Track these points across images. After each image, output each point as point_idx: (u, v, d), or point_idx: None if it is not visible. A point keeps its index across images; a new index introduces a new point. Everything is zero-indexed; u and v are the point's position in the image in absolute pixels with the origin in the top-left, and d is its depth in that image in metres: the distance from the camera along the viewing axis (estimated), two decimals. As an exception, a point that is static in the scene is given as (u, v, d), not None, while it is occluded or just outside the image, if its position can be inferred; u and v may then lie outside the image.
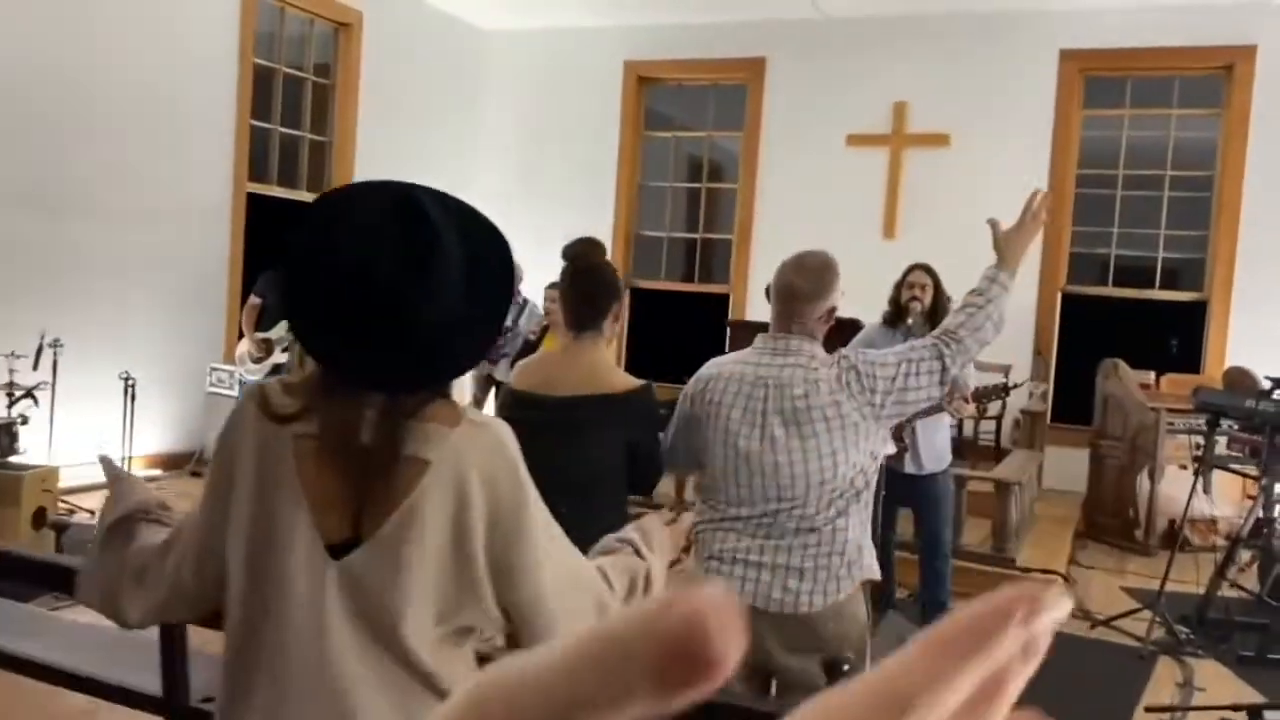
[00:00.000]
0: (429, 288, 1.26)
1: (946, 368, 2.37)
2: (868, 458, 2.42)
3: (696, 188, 10.14)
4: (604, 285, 2.64)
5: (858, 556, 2.43)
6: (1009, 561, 5.81)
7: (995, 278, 2.47)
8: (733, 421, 2.43)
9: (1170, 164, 8.42)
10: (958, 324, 2.44)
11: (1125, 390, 7.58)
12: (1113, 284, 8.77)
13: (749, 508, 2.43)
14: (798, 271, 2.44)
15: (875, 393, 2.35)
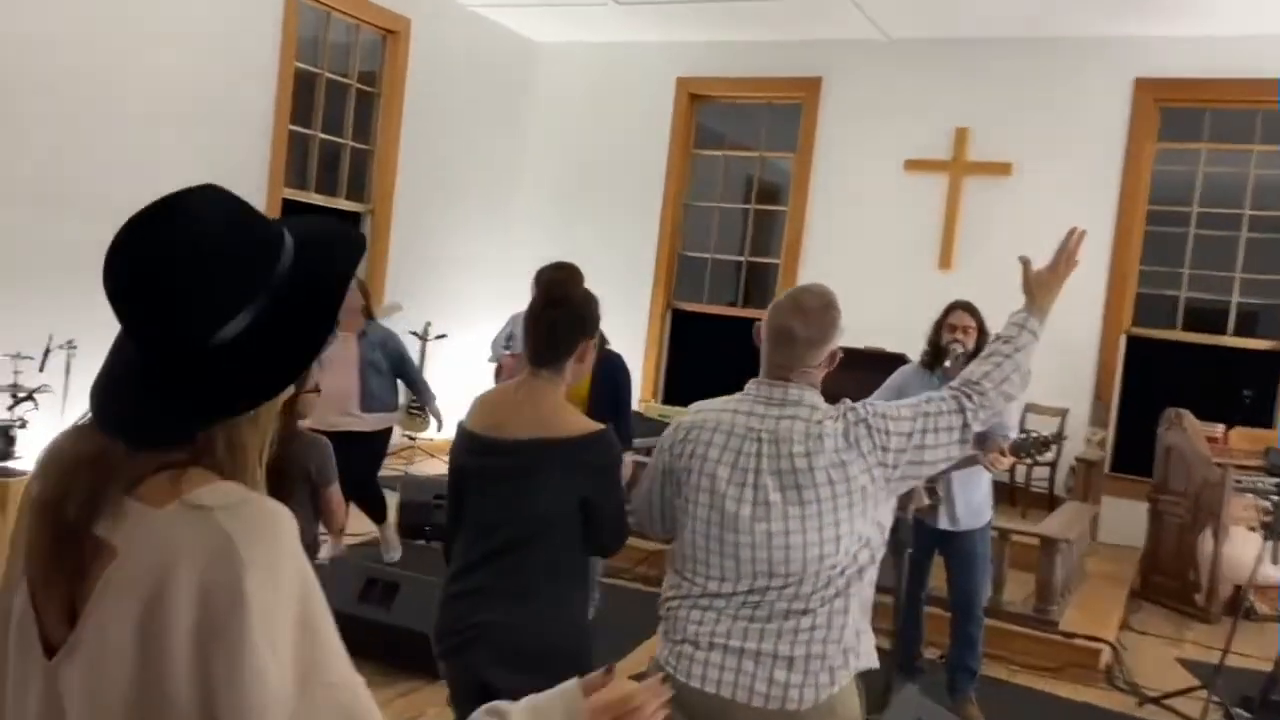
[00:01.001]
0: (151, 302, 0.98)
1: (968, 423, 2.08)
2: (874, 529, 2.09)
3: (745, 209, 9.81)
4: (574, 320, 2.34)
5: (855, 643, 2.09)
6: (1051, 624, 5.37)
7: (1025, 324, 2.20)
8: (719, 480, 2.11)
9: (1249, 203, 7.89)
10: (982, 374, 2.14)
11: (1189, 442, 7.07)
12: (1182, 328, 8.25)
13: (732, 583, 2.09)
14: (796, 314, 2.13)
15: (888, 451, 2.04)
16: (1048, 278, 2.23)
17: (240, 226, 1.03)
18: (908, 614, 4.37)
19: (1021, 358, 2.15)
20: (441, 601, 2.35)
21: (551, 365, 2.33)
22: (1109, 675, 5.18)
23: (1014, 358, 2.14)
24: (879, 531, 2.11)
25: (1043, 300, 2.22)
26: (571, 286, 2.38)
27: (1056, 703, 4.81)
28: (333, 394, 5.57)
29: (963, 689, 4.38)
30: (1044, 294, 2.22)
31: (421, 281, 8.87)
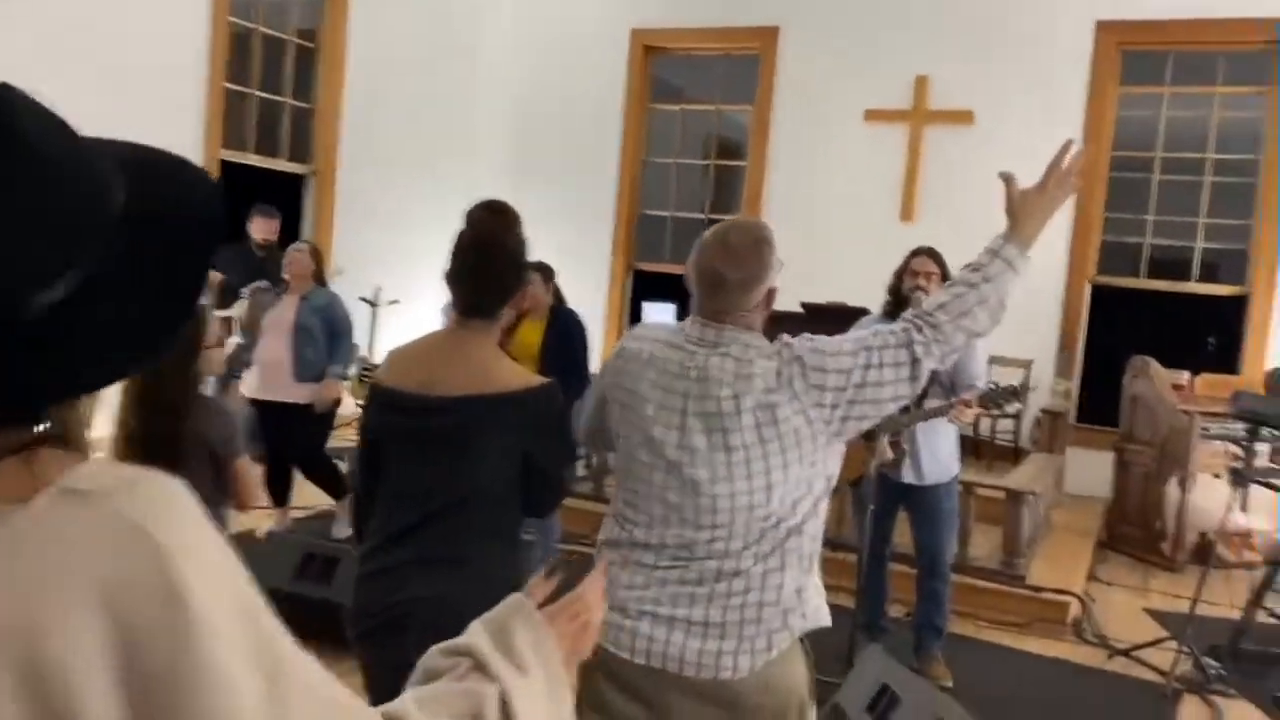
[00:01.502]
0: None
1: (918, 358, 1.83)
2: (816, 475, 1.88)
3: (705, 164, 9.59)
4: (506, 264, 2.13)
5: (796, 603, 1.90)
6: (1018, 579, 5.26)
7: (999, 250, 1.90)
8: (648, 417, 1.92)
9: (1212, 147, 7.78)
10: (936, 304, 1.88)
11: (1155, 391, 6.99)
12: (1146, 275, 8.16)
13: (660, 531, 1.90)
14: (724, 256, 1.89)
15: (825, 391, 1.82)
16: (1034, 200, 1.91)
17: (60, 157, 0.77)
18: (871, 572, 4.24)
19: (990, 289, 1.86)
20: (358, 580, 2.15)
21: (484, 314, 2.12)
22: (1077, 628, 5.09)
23: (979, 288, 1.86)
24: (823, 479, 1.90)
25: (1026, 226, 1.91)
26: (506, 228, 2.16)
27: (1025, 658, 4.71)
28: (269, 362, 5.31)
29: (929, 648, 4.25)
30: (1028, 219, 1.91)
31: (371, 245, 8.58)
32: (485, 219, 2.15)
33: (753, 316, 1.93)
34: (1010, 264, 1.89)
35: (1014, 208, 1.92)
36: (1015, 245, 1.90)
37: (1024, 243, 1.91)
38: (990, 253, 1.92)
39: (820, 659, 4.15)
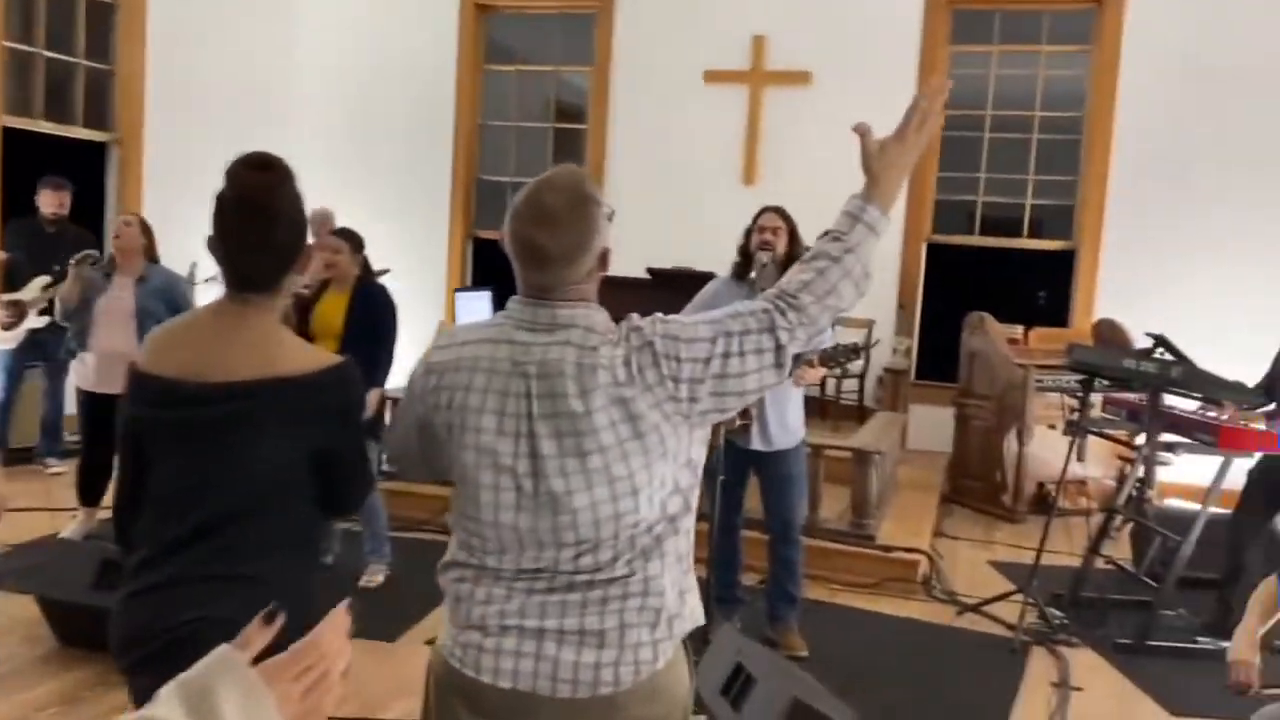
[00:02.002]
0: None
1: (782, 345, 1.61)
2: (684, 471, 1.65)
3: (545, 128, 9.27)
4: (280, 226, 1.80)
5: (679, 606, 1.67)
6: (869, 539, 5.25)
7: (860, 214, 1.68)
8: (486, 434, 1.62)
9: (1040, 105, 7.97)
10: (800, 284, 1.66)
11: (992, 345, 7.14)
12: (980, 233, 8.33)
13: (514, 556, 1.64)
14: (542, 224, 1.60)
15: (680, 382, 1.58)
16: (894, 151, 1.69)
17: None
18: (723, 542, 4.10)
19: (853, 261, 1.66)
20: (123, 600, 1.80)
21: (260, 286, 1.80)
22: (927, 586, 5.11)
23: (843, 261, 1.65)
24: (690, 472, 1.66)
25: (886, 182, 1.69)
26: (275, 184, 1.82)
27: (878, 620, 4.68)
28: (108, 353, 4.75)
29: (784, 617, 4.15)
30: (888, 173, 1.69)
31: (184, 219, 7.90)
32: (248, 175, 1.80)
33: (586, 286, 1.66)
34: (872, 228, 1.68)
35: (871, 163, 1.69)
36: (876, 206, 1.69)
37: (885, 202, 1.70)
38: (850, 217, 1.69)
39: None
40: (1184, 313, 6.88)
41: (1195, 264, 7.34)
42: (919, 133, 1.70)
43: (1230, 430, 4.35)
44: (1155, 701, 3.90)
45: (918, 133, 1.70)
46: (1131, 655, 4.31)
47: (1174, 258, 7.40)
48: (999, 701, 3.87)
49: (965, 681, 4.04)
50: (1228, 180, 7.30)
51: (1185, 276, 7.34)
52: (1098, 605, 4.71)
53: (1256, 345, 5.32)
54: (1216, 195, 7.33)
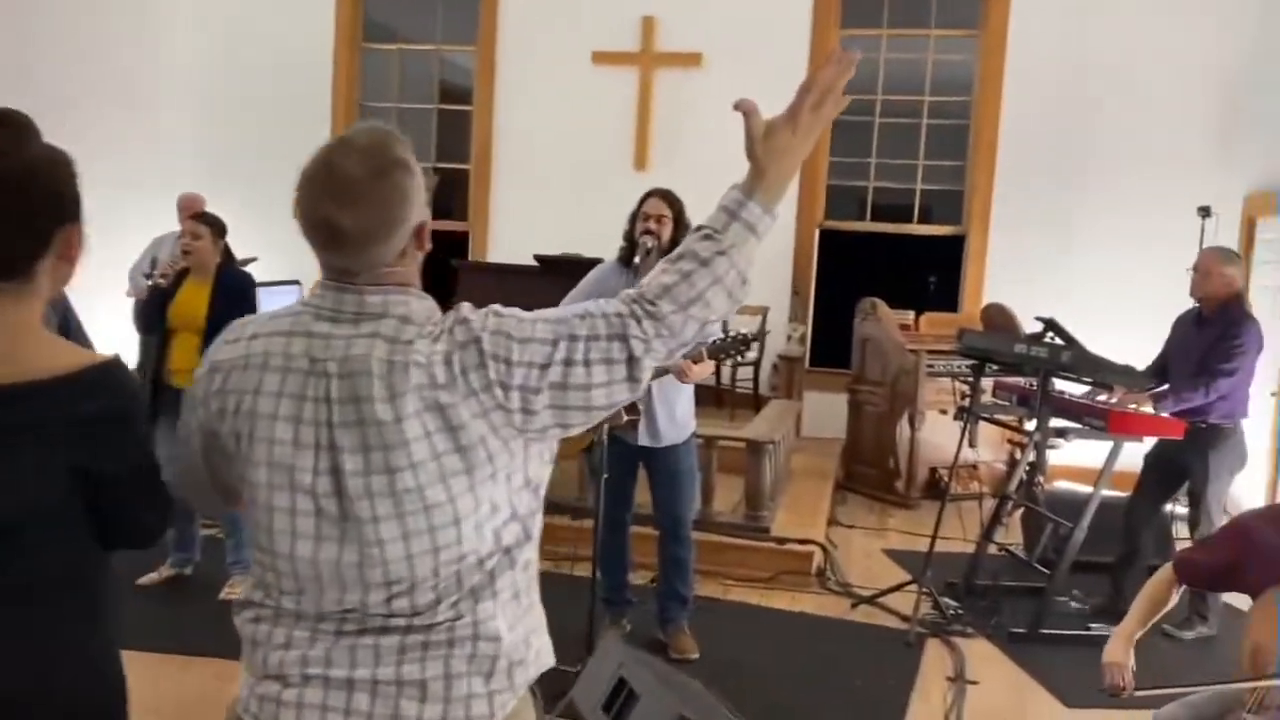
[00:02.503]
0: None
1: (635, 357, 1.35)
2: (521, 494, 1.39)
3: (429, 109, 8.91)
4: (35, 197, 1.45)
5: (521, 652, 1.42)
6: (763, 531, 5.11)
7: (738, 211, 1.40)
8: (280, 444, 1.35)
9: (929, 90, 7.96)
10: (661, 289, 1.38)
11: (884, 331, 7.10)
12: (871, 218, 8.30)
13: (315, 599, 1.37)
14: (338, 198, 1.32)
15: (509, 390, 1.32)
16: (783, 135, 1.40)
17: None
18: (610, 543, 3.90)
19: (724, 265, 1.38)
20: None
21: (13, 273, 1.48)
22: (822, 578, 5.00)
23: (713, 265, 1.38)
24: (531, 495, 1.41)
25: (773, 172, 1.40)
26: (16, 146, 1.47)
27: (772, 616, 4.55)
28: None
29: (675, 619, 3.97)
30: (776, 161, 1.40)
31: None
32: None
33: (402, 269, 1.39)
34: (751, 227, 1.40)
35: (756, 148, 1.41)
36: (759, 201, 1.40)
37: (769, 196, 1.41)
38: (726, 214, 1.41)
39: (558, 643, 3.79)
40: (1073, 296, 6.95)
41: (1082, 248, 7.43)
42: (815, 114, 1.41)
43: (1120, 415, 4.33)
44: (1050, 694, 3.84)
45: (813, 113, 1.41)
46: (1025, 645, 4.26)
47: (1061, 242, 7.48)
48: (895, 698, 3.76)
49: (860, 677, 3.93)
50: (1112, 165, 7.40)
51: (1073, 260, 7.43)
52: (992, 593, 4.66)
53: (1145, 328, 5.36)
54: (1101, 180, 7.42)
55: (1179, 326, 4.71)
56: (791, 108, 1.41)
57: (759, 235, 1.41)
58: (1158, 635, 4.40)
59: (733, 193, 1.42)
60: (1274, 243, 6.36)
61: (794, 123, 1.41)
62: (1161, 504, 4.80)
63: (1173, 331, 4.73)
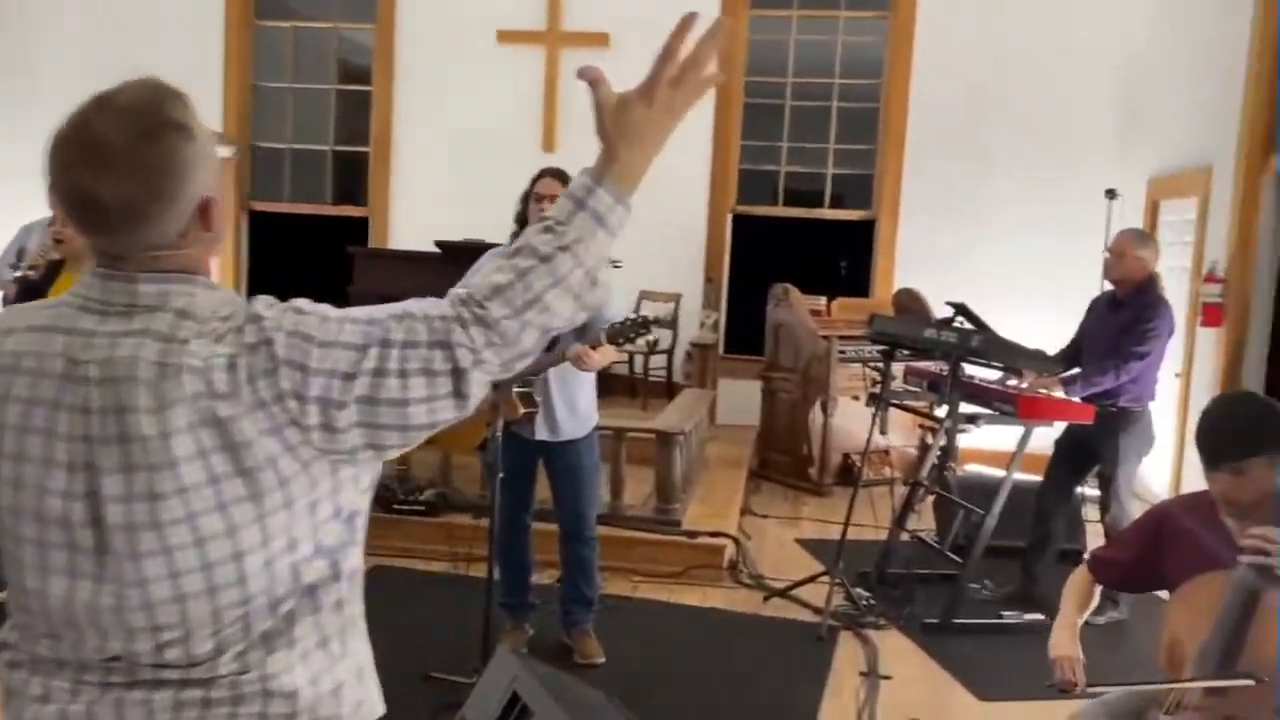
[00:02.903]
0: None
1: (461, 369, 1.12)
2: (327, 526, 1.17)
3: (326, 90, 8.53)
4: None
5: (331, 708, 1.19)
6: (674, 524, 4.96)
7: (586, 198, 1.19)
8: (30, 462, 1.12)
9: (839, 73, 7.88)
10: (492, 289, 1.15)
11: (796, 317, 7.01)
12: (783, 203, 8.21)
13: (72, 646, 1.15)
14: (93, 164, 1.09)
15: (306, 402, 1.09)
16: (638, 111, 1.20)
17: None
18: (510, 543, 3.69)
19: (568, 264, 1.16)
20: None
21: None
22: (734, 571, 4.87)
23: (554, 263, 1.16)
24: (343, 526, 1.19)
25: (627, 155, 1.19)
26: None
27: (682, 613, 4.40)
28: None
29: (579, 621, 3.79)
30: (630, 142, 1.19)
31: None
32: None
33: (187, 253, 1.16)
34: (601, 220, 1.18)
35: (607, 125, 1.20)
36: (609, 187, 1.19)
37: (623, 182, 1.20)
38: (573, 202, 1.19)
39: (451, 654, 3.58)
40: (984, 281, 6.94)
41: (992, 232, 7.44)
42: (676, 89, 1.20)
43: (1029, 400, 4.27)
44: (964, 687, 3.76)
45: (673, 89, 1.20)
46: (939, 636, 4.19)
47: (972, 226, 7.47)
48: (807, 696, 3.64)
49: (772, 675, 3.80)
50: (1021, 150, 7.41)
51: (983, 245, 7.42)
52: (905, 581, 4.59)
53: (1055, 311, 5.34)
54: (1010, 165, 7.43)
55: (1093, 309, 4.68)
56: (647, 81, 1.21)
57: (610, 229, 1.20)
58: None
59: (581, 178, 1.21)
60: (1177, 224, 6.43)
61: (649, 96, 1.20)
62: (1072, 488, 4.78)
63: (1087, 315, 4.70)
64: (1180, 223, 6.36)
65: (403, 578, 4.59)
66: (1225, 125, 5.72)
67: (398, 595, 4.38)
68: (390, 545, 4.81)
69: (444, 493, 5.02)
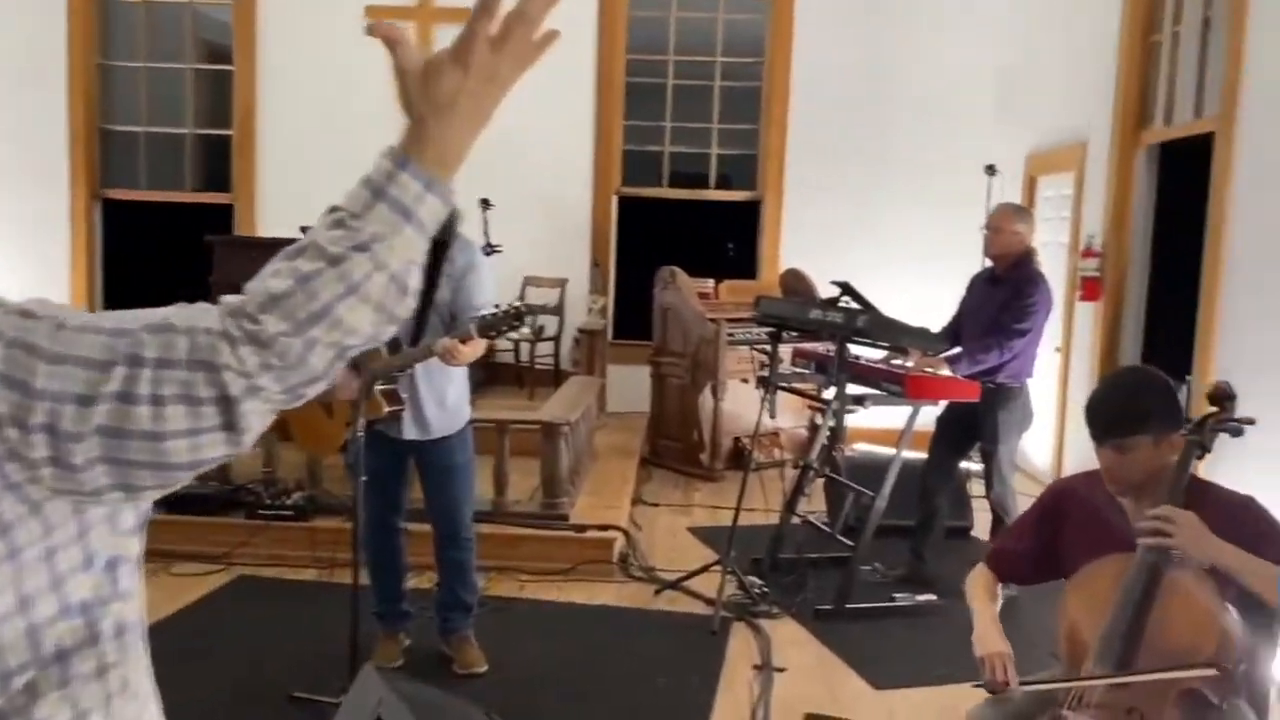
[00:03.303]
0: None
1: (231, 398, 0.87)
2: (75, 580, 0.93)
3: (181, 69, 8.02)
4: None
5: None
6: (562, 519, 4.77)
7: (385, 185, 0.92)
8: None
9: (721, 51, 7.75)
10: (268, 298, 0.89)
11: (684, 300, 6.87)
12: (668, 184, 8.06)
13: None
14: None
15: (30, 431, 0.85)
16: (450, 79, 0.93)
17: None
18: (380, 550, 3.46)
19: (364, 267, 0.90)
20: None
21: None
22: (624, 564, 4.70)
23: (345, 266, 0.90)
24: (103, 579, 0.96)
25: (437, 127, 0.94)
26: None
27: (570, 612, 4.21)
28: None
29: (458, 629, 3.56)
30: (439, 112, 0.94)
31: None
32: None
33: None
34: (406, 211, 0.92)
35: (412, 93, 0.95)
36: (415, 173, 0.93)
37: (436, 163, 0.94)
38: (371, 190, 0.92)
39: (319, 672, 3.32)
40: (869, 259, 6.92)
41: (877, 210, 7.43)
42: (498, 52, 0.94)
43: (916, 379, 4.21)
44: (859, 675, 3.66)
45: (495, 52, 0.94)
46: (832, 622, 4.09)
47: (856, 205, 7.45)
48: (700, 692, 3.49)
49: (664, 672, 3.64)
50: (901, 127, 7.41)
51: (868, 223, 7.41)
52: (797, 567, 4.49)
53: (942, 288, 5.30)
54: (892, 143, 7.42)
55: (972, 287, 4.65)
56: (460, 39, 0.95)
57: (419, 223, 0.93)
58: (958, 599, 4.34)
59: (381, 160, 0.95)
60: (1054, 200, 6.49)
61: (464, 60, 0.94)
62: (955, 465, 4.76)
63: (967, 292, 4.67)
64: (1058, 198, 6.44)
65: (269, 589, 4.29)
66: (1099, 100, 5.78)
67: (263, 608, 4.09)
68: (257, 553, 4.51)
69: (313, 495, 4.72)
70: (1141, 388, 2.18)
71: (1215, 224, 4.51)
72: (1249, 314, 4.24)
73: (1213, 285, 4.50)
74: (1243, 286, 4.30)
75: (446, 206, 0.95)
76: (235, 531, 4.58)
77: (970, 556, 4.88)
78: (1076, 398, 5.92)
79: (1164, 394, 2.16)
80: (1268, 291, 4.10)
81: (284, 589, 4.28)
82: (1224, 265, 4.43)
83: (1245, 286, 4.28)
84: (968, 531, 5.29)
